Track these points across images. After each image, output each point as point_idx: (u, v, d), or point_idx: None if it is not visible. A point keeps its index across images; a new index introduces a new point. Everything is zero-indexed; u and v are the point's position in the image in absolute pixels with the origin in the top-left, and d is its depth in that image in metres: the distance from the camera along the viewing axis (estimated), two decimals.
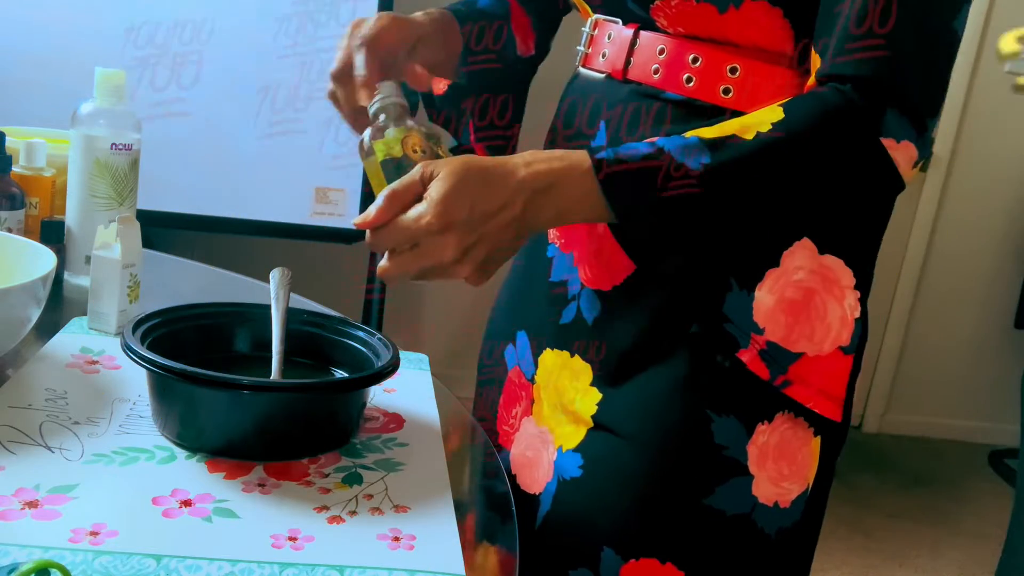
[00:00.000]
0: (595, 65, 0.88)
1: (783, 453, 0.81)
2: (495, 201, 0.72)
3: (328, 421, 0.79)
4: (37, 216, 1.16)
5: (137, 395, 0.84)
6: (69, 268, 1.14)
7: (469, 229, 0.72)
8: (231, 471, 0.73)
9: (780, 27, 0.78)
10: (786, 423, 0.81)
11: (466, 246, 0.72)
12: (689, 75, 0.81)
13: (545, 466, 0.87)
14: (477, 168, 0.73)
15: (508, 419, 0.95)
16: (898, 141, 0.73)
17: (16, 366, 0.87)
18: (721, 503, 0.80)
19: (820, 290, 0.79)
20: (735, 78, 0.80)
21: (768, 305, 0.79)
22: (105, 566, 0.59)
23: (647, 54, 0.83)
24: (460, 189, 0.72)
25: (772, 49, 0.79)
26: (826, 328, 0.80)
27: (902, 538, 2.73)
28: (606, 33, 0.87)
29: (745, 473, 0.80)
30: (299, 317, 0.89)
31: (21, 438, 0.74)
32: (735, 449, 0.80)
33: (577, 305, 0.87)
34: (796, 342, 0.79)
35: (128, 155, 1.11)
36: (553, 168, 0.74)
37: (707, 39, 0.80)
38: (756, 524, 0.81)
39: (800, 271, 0.79)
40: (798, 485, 0.83)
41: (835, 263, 0.80)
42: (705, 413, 0.80)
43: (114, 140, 1.10)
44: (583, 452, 0.84)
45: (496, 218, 0.72)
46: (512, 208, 0.73)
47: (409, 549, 0.65)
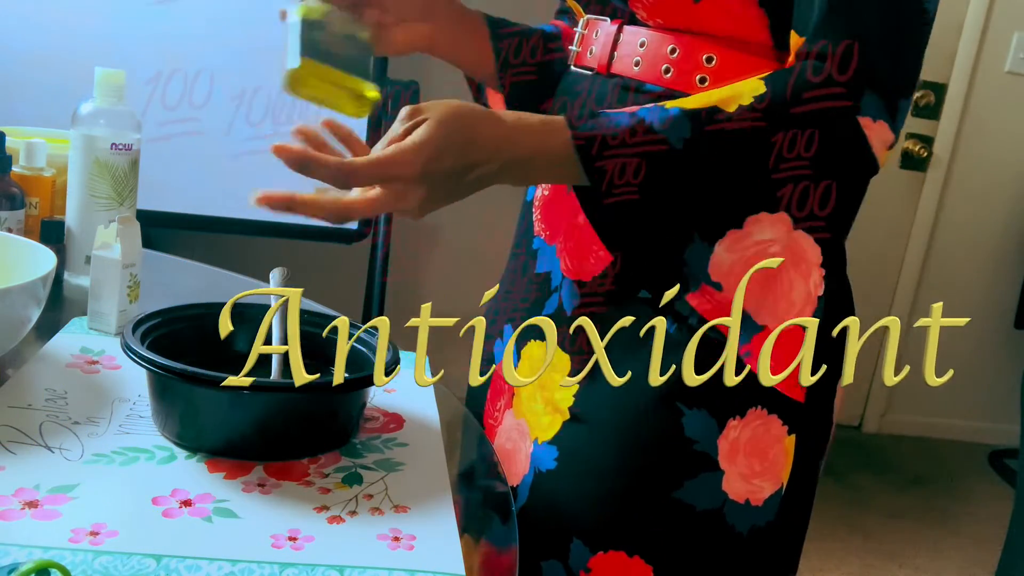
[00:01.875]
0: (584, 62, 0.90)
1: (754, 449, 0.81)
2: (474, 159, 0.73)
3: (328, 421, 0.79)
4: (37, 216, 1.16)
5: (137, 395, 0.84)
6: (69, 268, 1.14)
7: (444, 181, 0.72)
8: (231, 471, 0.73)
9: (755, 16, 0.79)
10: (758, 419, 0.81)
11: (431, 197, 0.72)
12: (667, 66, 0.82)
13: (522, 458, 0.88)
14: (465, 117, 0.73)
15: (493, 412, 0.95)
16: (874, 120, 0.74)
17: (16, 366, 0.87)
18: (690, 498, 0.80)
19: (788, 265, 0.79)
20: (711, 67, 0.80)
21: (725, 262, 0.79)
22: (105, 566, 0.59)
23: (629, 48, 0.84)
24: (448, 137, 0.71)
25: (748, 38, 0.80)
26: (789, 303, 0.80)
27: (902, 538, 2.73)
28: (595, 30, 0.89)
29: (715, 468, 0.80)
30: (299, 317, 0.89)
31: (21, 438, 0.74)
32: (705, 443, 0.80)
33: (559, 296, 0.88)
34: (760, 314, 0.79)
35: (128, 155, 1.11)
36: (535, 142, 0.74)
37: (684, 30, 0.81)
38: (726, 520, 0.81)
39: (775, 245, 0.79)
40: (770, 483, 0.82)
41: (804, 239, 0.80)
42: (676, 406, 0.80)
43: (114, 140, 1.10)
44: (558, 444, 0.84)
45: (469, 174, 0.73)
46: (487, 167, 0.73)
47: (409, 549, 0.65)
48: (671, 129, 0.73)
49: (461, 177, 0.72)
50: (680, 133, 0.73)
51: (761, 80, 0.75)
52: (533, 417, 0.88)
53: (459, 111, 0.73)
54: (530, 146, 0.74)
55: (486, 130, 0.73)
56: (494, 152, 0.73)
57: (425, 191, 0.72)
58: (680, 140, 0.73)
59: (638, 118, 0.74)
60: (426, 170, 0.71)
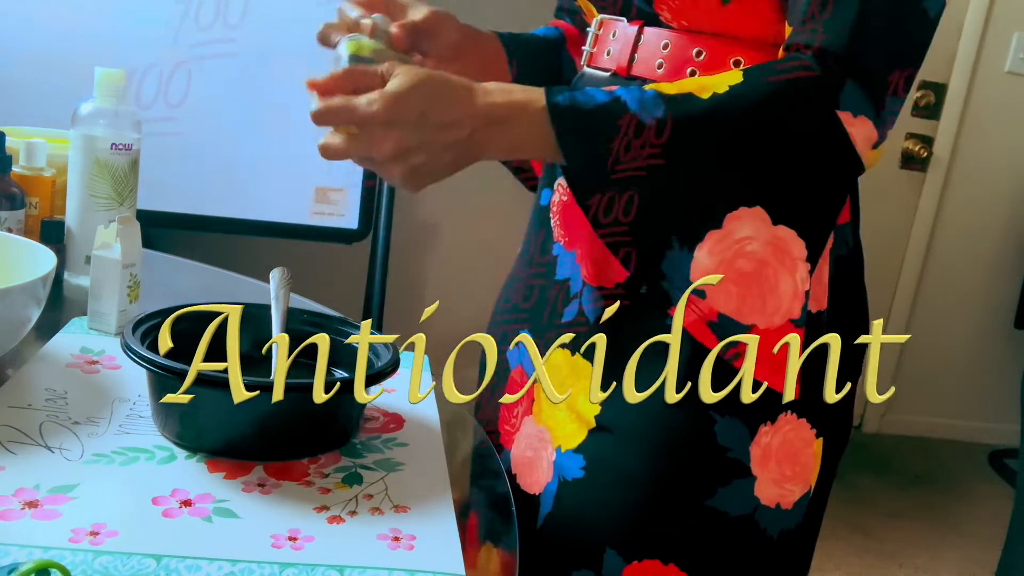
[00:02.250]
0: (600, 63, 0.89)
1: (786, 455, 0.81)
2: (447, 115, 0.73)
3: (328, 421, 0.79)
4: (37, 216, 1.16)
5: (137, 395, 0.84)
6: (69, 268, 1.14)
7: (413, 131, 0.72)
8: (231, 471, 0.73)
9: (780, 18, 0.78)
10: (789, 424, 0.81)
11: (405, 147, 0.72)
12: (693, 69, 0.81)
13: (544, 466, 0.87)
14: (438, 79, 0.73)
15: (510, 419, 0.94)
16: (855, 115, 0.73)
17: (16, 366, 0.87)
18: (723, 504, 0.80)
19: (772, 261, 0.78)
20: None
21: (706, 266, 0.78)
22: (105, 566, 0.59)
23: (651, 49, 0.83)
24: (416, 91, 0.72)
25: (773, 40, 0.79)
26: (777, 300, 0.79)
27: (902, 538, 2.73)
28: (611, 31, 0.88)
29: (747, 475, 0.80)
30: (299, 317, 0.89)
31: (21, 438, 0.74)
32: (738, 450, 0.80)
33: (579, 303, 0.87)
34: (748, 315, 0.78)
35: (128, 155, 1.11)
36: (511, 101, 0.75)
37: (710, 32, 0.80)
38: (758, 525, 0.81)
39: (753, 242, 0.78)
40: (800, 487, 0.83)
41: (788, 234, 0.78)
42: (708, 414, 0.79)
43: (114, 140, 1.10)
44: (585, 453, 0.83)
45: (443, 132, 0.73)
46: (461, 129, 0.73)
47: (409, 549, 0.65)
48: (644, 108, 0.73)
49: (431, 131, 0.72)
50: (653, 113, 0.73)
51: (740, 71, 0.75)
52: (556, 425, 0.87)
53: (431, 73, 0.74)
54: (507, 108, 0.74)
55: (458, 86, 0.74)
56: (466, 114, 0.73)
57: (393, 141, 0.71)
58: (652, 119, 0.73)
59: (615, 95, 0.74)
60: (393, 116, 0.71)
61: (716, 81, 0.74)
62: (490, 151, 0.75)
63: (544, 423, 0.88)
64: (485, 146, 0.75)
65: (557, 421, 0.87)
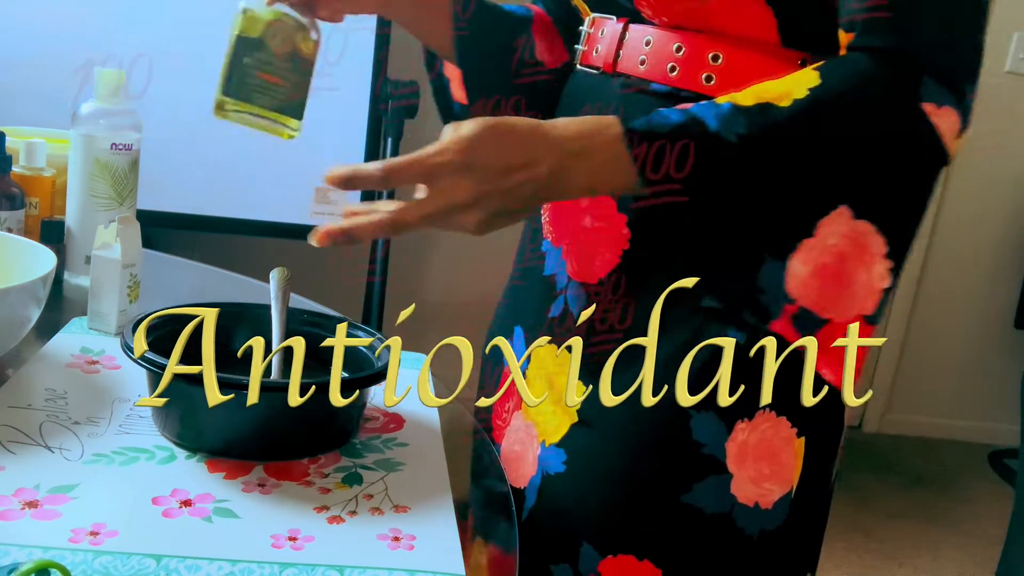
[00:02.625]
0: (590, 61, 0.89)
1: (764, 453, 0.80)
2: (523, 156, 0.71)
3: (328, 421, 0.79)
4: (37, 216, 1.16)
5: (137, 395, 0.84)
6: (69, 268, 1.14)
7: (490, 177, 0.70)
8: (231, 471, 0.73)
9: (761, 14, 0.78)
10: (767, 422, 0.80)
11: (483, 192, 0.70)
12: (672, 64, 0.81)
13: (530, 460, 0.87)
14: (507, 122, 0.72)
15: (502, 413, 0.95)
16: (939, 106, 0.72)
17: (16, 366, 0.87)
18: (699, 501, 0.80)
19: (851, 256, 0.77)
20: (717, 66, 0.80)
21: (801, 275, 0.77)
22: (105, 566, 0.59)
23: (635, 46, 0.84)
24: (487, 134, 0.70)
25: (755, 36, 0.79)
26: (851, 295, 0.77)
27: (902, 538, 2.73)
28: (600, 29, 0.88)
29: (723, 472, 0.80)
30: (299, 317, 0.89)
31: (21, 438, 0.74)
32: (713, 446, 0.79)
33: (564, 298, 0.87)
34: (825, 308, 0.77)
35: (128, 155, 1.11)
36: (585, 131, 0.73)
37: (690, 28, 0.81)
38: (735, 524, 0.80)
39: (833, 236, 0.76)
40: (780, 487, 0.82)
41: (867, 229, 0.76)
42: (684, 410, 0.79)
43: (114, 140, 1.10)
44: (566, 447, 0.84)
45: (520, 173, 0.71)
46: (539, 166, 0.71)
47: (409, 549, 0.65)
48: (725, 124, 0.71)
49: (509, 174, 0.70)
50: (735, 128, 0.71)
51: (815, 71, 0.73)
52: (542, 419, 0.87)
53: (501, 119, 0.72)
54: (580, 142, 0.72)
55: (530, 131, 0.72)
56: (542, 152, 0.71)
57: (472, 185, 0.70)
58: (735, 135, 0.71)
59: (690, 114, 0.72)
60: (467, 159, 0.69)
61: (792, 86, 0.72)
62: (571, 185, 0.73)
63: (532, 418, 0.89)
64: (565, 181, 0.72)
65: (544, 415, 0.87)
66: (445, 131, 0.72)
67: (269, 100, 0.87)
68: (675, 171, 0.71)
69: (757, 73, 0.78)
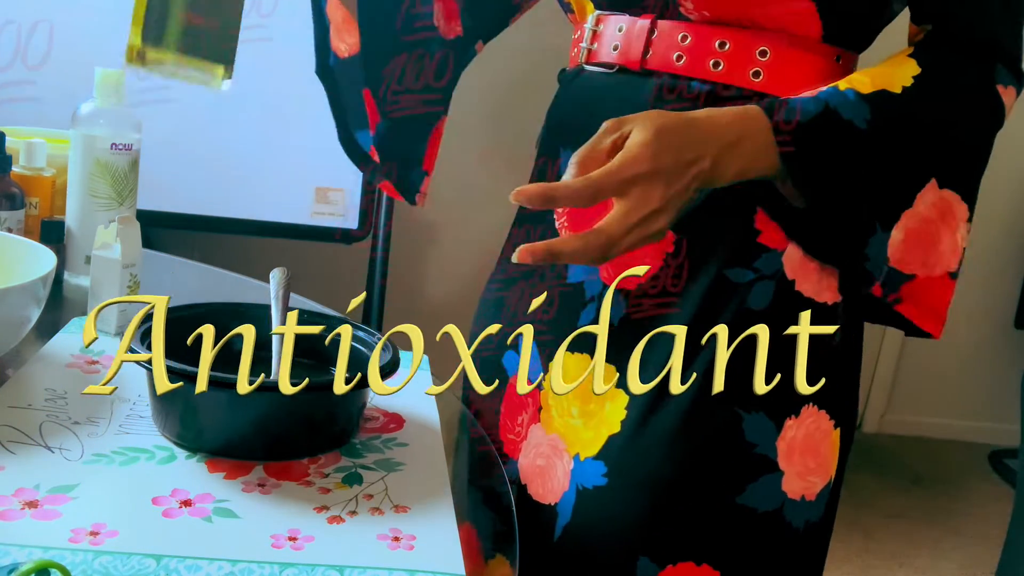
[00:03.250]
0: (603, 59, 0.87)
1: (809, 447, 0.81)
2: (693, 151, 0.73)
3: (328, 421, 0.79)
4: (37, 216, 1.16)
5: (137, 395, 0.84)
6: (69, 268, 1.14)
7: (674, 178, 0.72)
8: (231, 471, 0.73)
9: (806, 8, 0.79)
10: (811, 416, 0.81)
11: (671, 194, 0.72)
12: (716, 60, 0.81)
13: (560, 476, 0.86)
14: (671, 119, 0.73)
15: (513, 427, 0.93)
16: (1005, 87, 0.82)
17: (16, 366, 0.87)
18: (752, 501, 0.80)
19: (937, 220, 0.81)
20: (765, 61, 0.80)
21: (898, 239, 0.81)
22: (105, 566, 0.59)
23: (668, 42, 0.83)
24: (664, 136, 0.72)
25: (797, 31, 0.80)
26: (938, 255, 0.82)
27: (902, 538, 2.73)
28: (615, 26, 0.86)
29: (775, 470, 0.80)
30: (299, 317, 0.89)
31: (21, 438, 0.74)
32: (765, 446, 0.80)
33: (597, 306, 0.86)
34: (909, 264, 0.81)
35: (128, 155, 1.11)
36: (736, 120, 0.75)
37: (733, 23, 0.80)
38: (785, 519, 0.81)
39: (924, 204, 0.81)
40: (822, 478, 0.83)
41: (953, 197, 0.82)
42: (735, 411, 0.79)
43: (114, 140, 1.10)
44: (606, 459, 0.82)
45: (693, 168, 0.73)
46: (705, 160, 0.73)
47: (409, 549, 0.65)
48: (855, 111, 0.76)
49: (686, 171, 0.72)
50: (863, 114, 0.77)
51: (910, 59, 0.80)
52: (570, 432, 0.86)
53: (659, 116, 0.73)
54: (734, 132, 0.75)
55: (690, 129, 0.74)
56: (704, 147, 0.73)
57: (663, 187, 0.71)
58: (864, 121, 0.76)
59: (823, 103, 0.77)
60: (658, 163, 0.71)
61: (899, 73, 0.79)
62: (726, 174, 0.75)
63: (556, 431, 0.87)
64: (722, 170, 0.75)
65: (572, 428, 0.86)
66: (604, 131, 0.73)
67: (194, 45, 0.78)
68: (816, 158, 0.76)
69: (803, 70, 0.81)
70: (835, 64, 0.82)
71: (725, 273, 0.81)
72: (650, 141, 0.71)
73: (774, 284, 0.80)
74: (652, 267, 0.83)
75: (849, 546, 2.63)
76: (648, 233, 0.72)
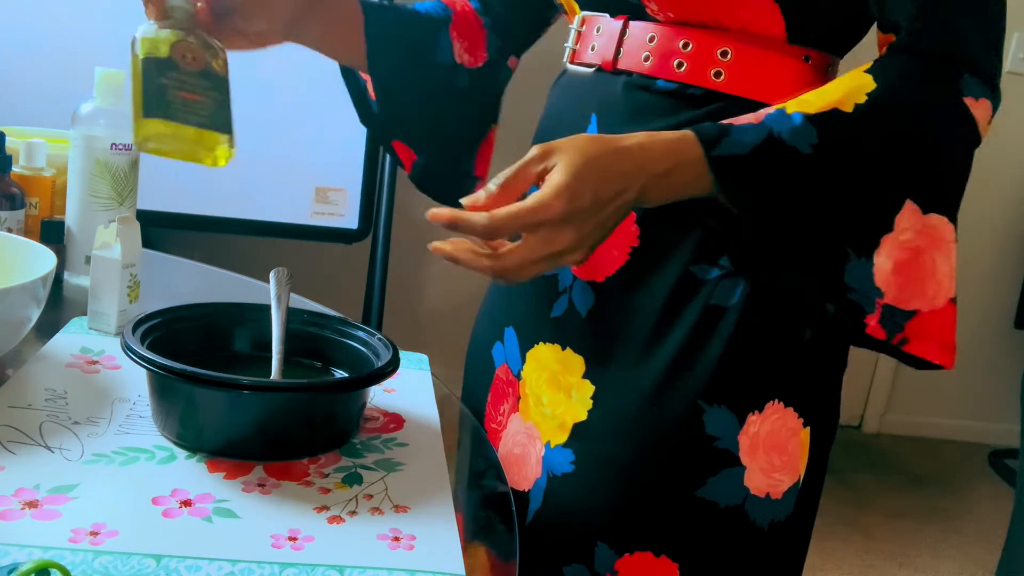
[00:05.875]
0: (584, 59, 0.89)
1: (774, 444, 0.81)
2: (615, 187, 0.72)
3: (328, 421, 0.79)
4: (37, 216, 1.16)
5: (137, 395, 0.84)
6: (69, 268, 1.14)
7: (589, 216, 0.72)
8: (231, 471, 0.73)
9: (769, 9, 0.79)
10: (776, 413, 0.81)
11: (584, 234, 0.72)
12: (680, 60, 0.82)
13: (533, 462, 0.87)
14: (596, 152, 0.73)
15: (496, 417, 0.95)
16: (976, 99, 0.78)
17: (16, 366, 0.87)
18: (713, 495, 0.80)
19: (928, 248, 0.79)
20: (726, 61, 0.81)
21: (887, 269, 0.78)
22: (105, 566, 0.59)
23: (637, 43, 0.84)
24: (583, 177, 0.71)
25: (761, 32, 0.80)
26: (937, 284, 0.80)
27: (902, 538, 2.74)
28: (595, 27, 0.88)
29: (737, 464, 0.80)
30: (299, 317, 0.89)
31: (21, 438, 0.74)
32: (727, 440, 0.80)
33: (568, 297, 0.87)
34: (909, 301, 0.79)
35: (128, 155, 1.11)
36: (668, 151, 0.74)
37: (697, 24, 0.81)
38: (748, 516, 0.81)
39: (906, 232, 0.79)
40: (789, 476, 0.83)
41: (939, 221, 0.79)
42: (696, 403, 0.80)
43: (114, 140, 1.10)
44: (573, 447, 0.84)
45: (612, 203, 0.72)
46: (629, 193, 0.73)
47: (409, 549, 0.65)
48: (798, 137, 0.74)
49: (603, 208, 0.72)
50: (808, 139, 0.74)
51: (866, 74, 0.77)
52: (543, 421, 0.87)
53: (587, 149, 0.73)
54: (664, 163, 0.74)
55: (618, 161, 0.73)
56: (630, 179, 0.73)
57: (573, 231, 0.71)
58: (808, 146, 0.74)
59: (766, 129, 0.75)
60: (569, 210, 0.71)
61: (852, 89, 0.76)
62: (653, 200, 0.75)
63: (531, 419, 0.89)
64: (649, 198, 0.75)
65: (545, 417, 0.87)
66: (531, 159, 0.73)
67: (196, 118, 0.81)
68: (755, 189, 0.75)
69: (766, 70, 0.80)
70: (804, 65, 0.82)
71: (691, 269, 0.81)
72: (568, 185, 0.71)
73: (742, 281, 0.81)
74: (619, 260, 0.84)
75: (849, 546, 2.63)
76: (559, 264, 0.73)
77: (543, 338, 0.89)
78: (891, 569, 2.57)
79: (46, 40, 2.12)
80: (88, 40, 2.12)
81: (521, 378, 0.91)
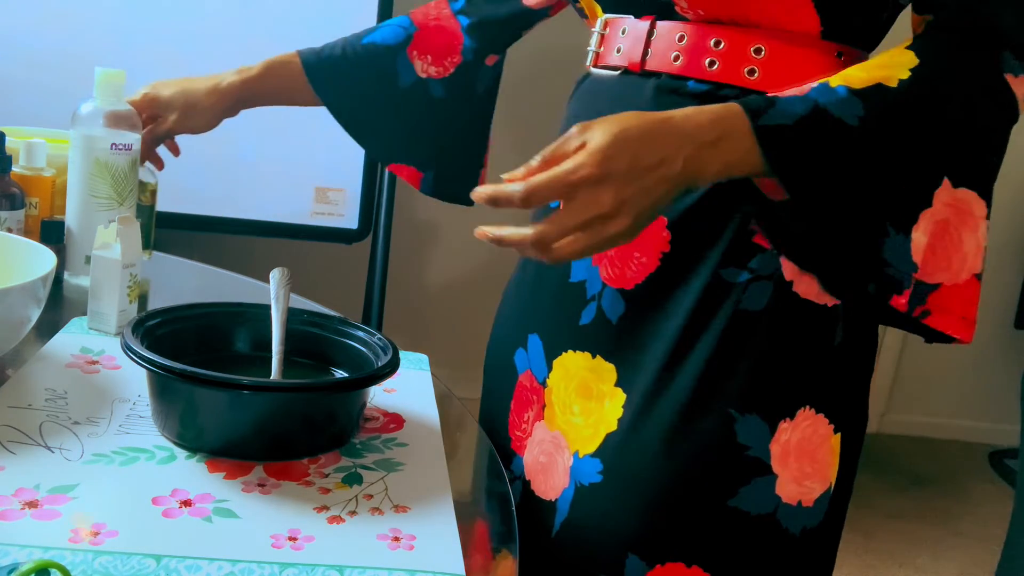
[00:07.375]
0: (608, 62, 0.87)
1: (805, 451, 0.80)
2: (657, 154, 0.70)
3: (328, 421, 0.79)
4: (37, 216, 1.16)
5: (137, 395, 0.84)
6: (69, 268, 1.14)
7: (628, 180, 0.70)
8: (231, 471, 0.73)
9: (802, 4, 0.78)
10: (807, 420, 0.80)
11: (624, 198, 0.70)
12: (712, 59, 0.80)
13: (560, 472, 0.86)
14: (637, 121, 0.71)
15: (520, 424, 0.93)
16: (1016, 76, 0.77)
17: (16, 366, 0.87)
18: (745, 504, 0.79)
19: (955, 222, 0.78)
20: (760, 59, 0.80)
21: (923, 244, 0.77)
22: (105, 566, 0.59)
23: (666, 42, 0.83)
24: (621, 140, 0.70)
25: (796, 30, 0.79)
26: (962, 258, 0.79)
27: (902, 538, 2.73)
28: (619, 29, 0.87)
29: (768, 472, 0.79)
30: (299, 317, 0.89)
31: (21, 438, 0.74)
32: (758, 448, 0.79)
33: (597, 305, 0.86)
34: (933, 274, 0.78)
35: (128, 155, 1.11)
36: (715, 120, 0.73)
37: (728, 22, 0.80)
38: (780, 524, 0.80)
39: (939, 205, 0.78)
40: (820, 484, 0.82)
41: (969, 195, 0.79)
42: (728, 412, 0.79)
43: (114, 140, 1.10)
44: (602, 457, 0.82)
45: (657, 170, 0.70)
46: (674, 162, 0.71)
47: (409, 549, 0.65)
48: (845, 109, 0.73)
49: (644, 175, 0.70)
50: (854, 111, 0.73)
51: (908, 51, 0.77)
52: (572, 430, 0.86)
53: (627, 118, 0.72)
54: (710, 133, 0.72)
55: (659, 128, 0.72)
56: (674, 147, 0.71)
57: (611, 193, 0.69)
58: (855, 118, 0.73)
59: (811, 102, 0.74)
60: (604, 171, 0.69)
61: (895, 65, 0.76)
62: (705, 174, 0.73)
63: (559, 428, 0.87)
64: (700, 171, 0.72)
65: (573, 426, 0.86)
66: (571, 135, 0.72)
67: None
68: (803, 161, 0.73)
69: (799, 66, 0.80)
70: (837, 61, 0.81)
71: (720, 273, 0.80)
72: (603, 147, 0.70)
73: (772, 285, 0.80)
74: (649, 266, 0.83)
75: (849, 546, 2.63)
76: (604, 236, 0.71)
77: (571, 346, 0.87)
78: (891, 569, 2.57)
79: (46, 40, 2.12)
80: (88, 40, 2.12)
81: (547, 386, 0.89)
